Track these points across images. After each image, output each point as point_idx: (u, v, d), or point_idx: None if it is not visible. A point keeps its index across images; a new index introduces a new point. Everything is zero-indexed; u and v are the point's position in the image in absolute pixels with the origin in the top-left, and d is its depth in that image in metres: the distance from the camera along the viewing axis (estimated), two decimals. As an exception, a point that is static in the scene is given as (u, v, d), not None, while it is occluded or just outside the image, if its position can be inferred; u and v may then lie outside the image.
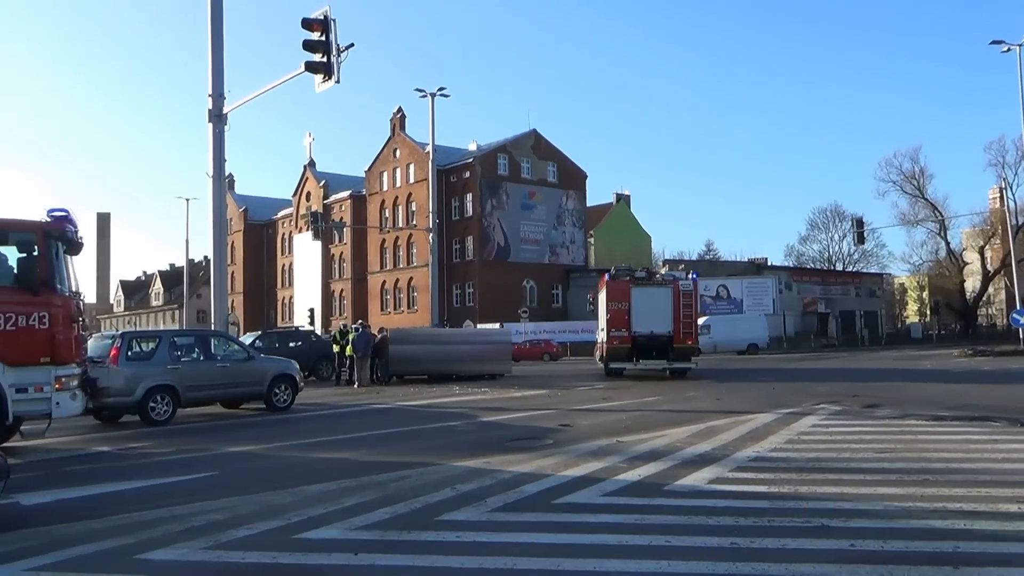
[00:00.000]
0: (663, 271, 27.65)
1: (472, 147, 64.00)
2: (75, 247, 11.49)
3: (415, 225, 60.11)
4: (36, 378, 10.67)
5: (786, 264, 78.13)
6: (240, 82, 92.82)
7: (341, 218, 68.42)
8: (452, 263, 60.19)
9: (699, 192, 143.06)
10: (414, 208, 62.30)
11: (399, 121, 64.36)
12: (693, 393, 18.78)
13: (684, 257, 73.48)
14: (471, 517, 6.68)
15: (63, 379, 10.87)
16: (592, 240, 70.64)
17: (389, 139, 65.44)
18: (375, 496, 7.54)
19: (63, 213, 11.26)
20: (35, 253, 10.74)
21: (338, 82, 18.04)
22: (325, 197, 71.79)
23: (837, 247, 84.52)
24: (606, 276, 25.81)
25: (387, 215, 65.34)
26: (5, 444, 11.09)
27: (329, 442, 11.89)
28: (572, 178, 64.31)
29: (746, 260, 70.61)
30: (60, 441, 12.54)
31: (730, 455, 9.42)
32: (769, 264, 68.63)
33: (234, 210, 77.90)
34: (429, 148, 42.50)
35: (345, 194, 70.10)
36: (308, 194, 74.44)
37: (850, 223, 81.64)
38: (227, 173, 21.46)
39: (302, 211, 72.00)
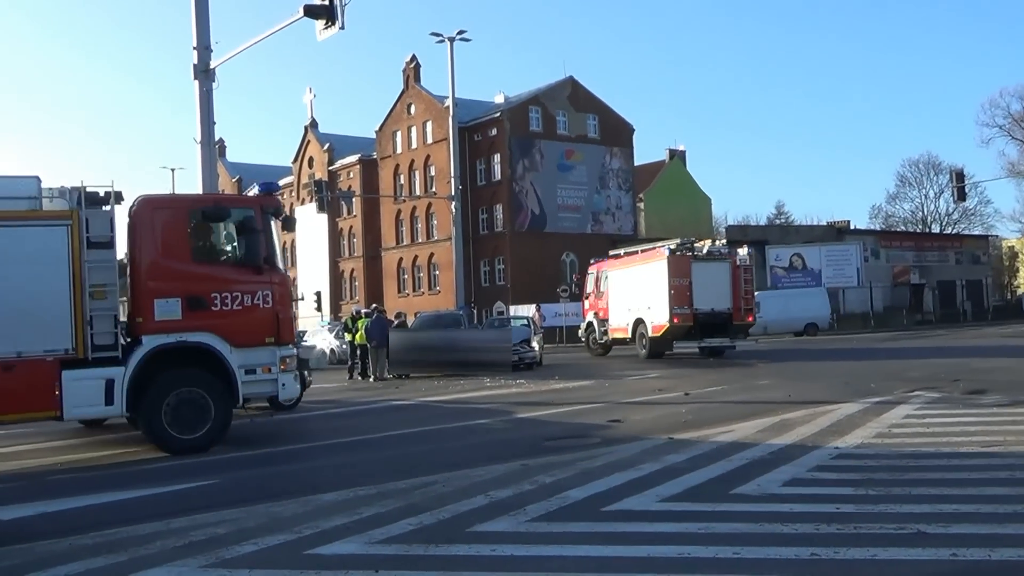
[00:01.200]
0: (711, 243, 29.10)
1: (499, 100, 63.80)
2: (289, 223, 12.96)
3: (435, 193, 60.22)
4: (263, 359, 12.01)
5: (872, 227, 77.13)
6: (230, 33, 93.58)
7: (349, 187, 68.81)
8: (479, 236, 60.29)
9: (767, 145, 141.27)
10: (433, 173, 62.41)
11: (413, 72, 64.35)
12: (764, 381, 18.70)
13: (750, 221, 72.94)
14: (508, 528, 6.74)
15: (287, 360, 12.21)
16: (642, 205, 70.30)
17: (402, 93, 65.51)
18: (397, 505, 7.64)
19: (274, 186, 12.76)
20: (258, 231, 12.05)
21: (342, 28, 18.08)
22: (330, 163, 72.24)
23: (933, 205, 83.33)
24: (597, 260, 31.90)
25: (402, 182, 65.59)
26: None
27: (343, 444, 12.05)
28: (617, 133, 63.88)
29: (824, 224, 69.74)
30: (40, 447, 12.86)
31: (808, 452, 9.38)
32: (852, 228, 67.60)
33: (226, 180, 78.63)
34: (449, 102, 42.51)
35: (353, 158, 70.45)
36: (310, 160, 74.96)
37: (948, 177, 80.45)
38: (217, 138, 21.70)
39: (304, 179, 72.56)
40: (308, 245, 74.28)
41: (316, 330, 39.61)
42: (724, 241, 32.38)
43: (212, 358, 11.80)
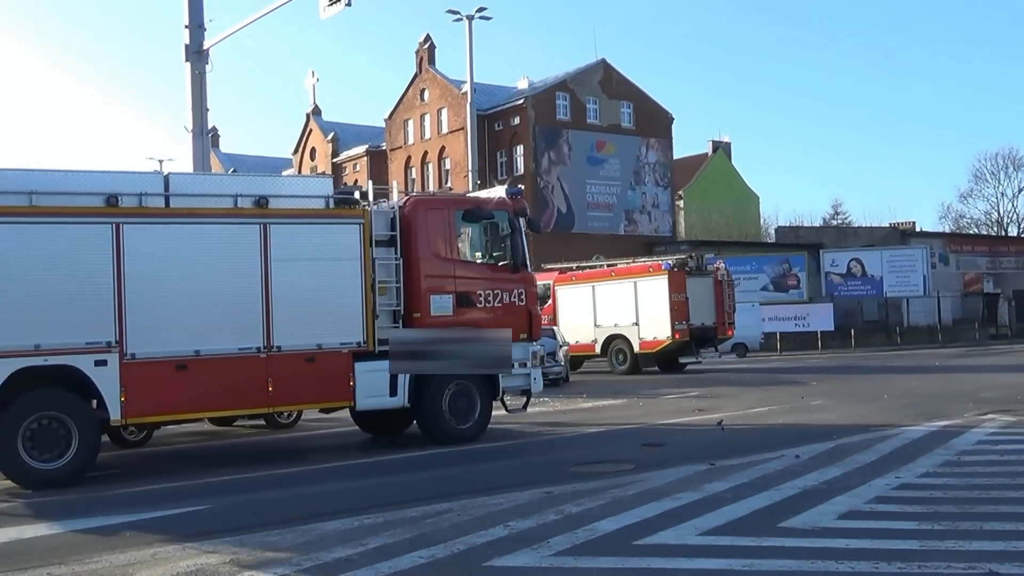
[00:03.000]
0: (691, 258, 33.02)
1: (522, 85, 63.85)
2: (535, 226, 15.08)
3: (450, 188, 60.40)
4: (518, 354, 14.13)
5: (940, 230, 76.51)
6: (225, 10, 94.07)
7: (356, 180, 69.10)
8: (499, 236, 60.28)
9: (823, 137, 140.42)
10: (448, 166, 62.62)
11: (427, 54, 64.59)
12: (817, 401, 18.64)
13: (803, 222, 72.48)
14: (529, 562, 6.75)
15: (536, 355, 14.55)
16: (682, 203, 70.17)
17: (415, 77, 65.76)
18: (407, 536, 7.67)
19: (520, 190, 15.17)
20: (511, 231, 14.29)
21: (349, 5, 18.24)
22: (335, 154, 72.63)
23: (1010, 205, 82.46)
24: (557, 273, 34.01)
25: (414, 175, 65.83)
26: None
27: (346, 467, 12.12)
28: (654, 122, 63.79)
29: (887, 225, 69.31)
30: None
31: (866, 482, 9.34)
32: (918, 230, 67.22)
33: (219, 172, 79.32)
34: (466, 87, 42.61)
35: (360, 149, 70.80)
36: (313, 151, 75.38)
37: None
38: (210, 126, 21.87)
39: (305, 173, 72.92)
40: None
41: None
42: (706, 255, 35.80)
43: None
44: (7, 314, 11.10)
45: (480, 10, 39.74)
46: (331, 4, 18.34)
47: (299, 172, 75.74)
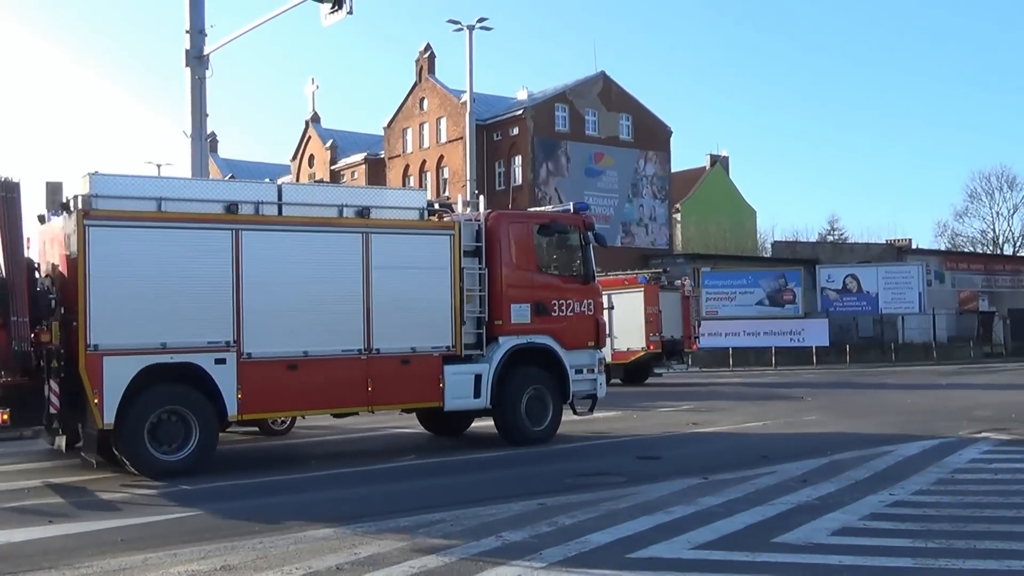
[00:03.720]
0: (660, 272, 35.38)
1: (522, 96, 63.98)
2: (601, 240, 15.97)
3: (448, 197, 60.42)
4: (585, 360, 15.33)
5: (936, 247, 76.71)
6: (226, 15, 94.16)
7: (354, 189, 69.07)
8: (496, 246, 60.28)
9: (820, 153, 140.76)
10: (447, 175, 62.67)
11: (427, 63, 64.72)
12: (811, 416, 18.65)
13: (800, 237, 72.59)
14: (521, 574, 6.74)
15: (601, 362, 15.72)
16: (679, 216, 70.25)
17: (414, 86, 65.86)
18: (398, 545, 7.65)
19: (586, 205, 16.48)
20: (581, 245, 15.39)
21: (350, 13, 18.25)
22: (333, 161, 72.67)
23: (1006, 224, 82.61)
24: None
25: (412, 184, 65.83)
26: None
27: (339, 475, 12.08)
28: (652, 135, 63.93)
29: (883, 242, 69.44)
30: (7, 470, 12.94)
31: (860, 499, 9.34)
32: (914, 247, 67.34)
33: (217, 178, 79.32)
34: (466, 97, 42.66)
35: (358, 157, 70.84)
36: (311, 158, 75.41)
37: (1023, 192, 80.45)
38: (209, 131, 21.85)
39: (304, 179, 72.93)
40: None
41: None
42: (665, 270, 37.53)
43: (550, 358, 14.90)
44: (138, 314, 11.74)
45: (481, 20, 39.81)
46: (332, 12, 18.34)
47: (296, 179, 75.81)
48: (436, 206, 14.95)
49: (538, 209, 17.71)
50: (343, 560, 7.17)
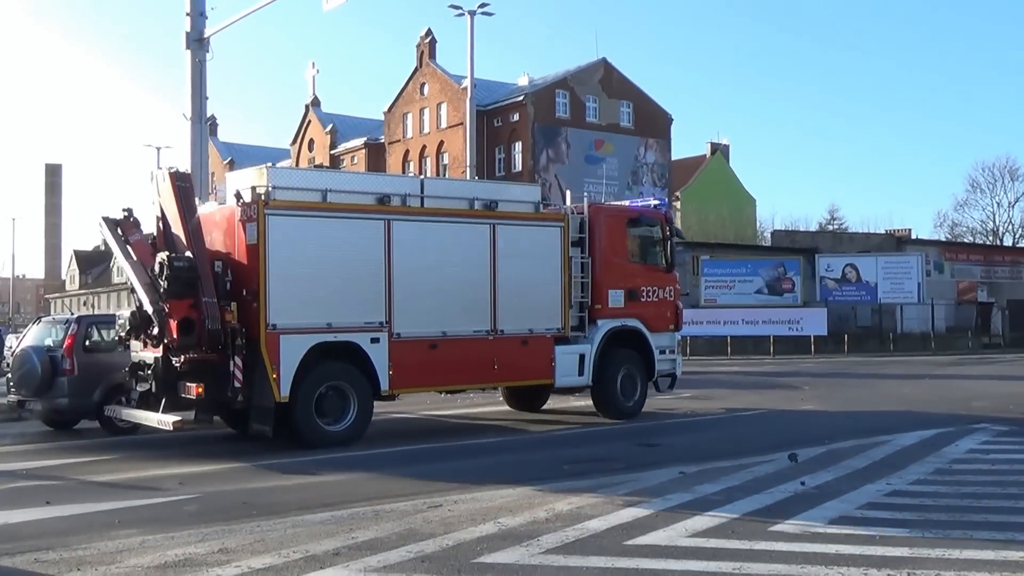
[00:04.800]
0: None
1: (522, 82, 63.84)
2: (679, 233, 17.90)
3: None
4: (666, 342, 17.04)
5: (936, 237, 76.70)
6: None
7: (353, 173, 69.03)
8: (495, 232, 60.23)
9: (821, 142, 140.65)
10: (446, 160, 62.56)
11: (428, 48, 64.51)
12: (809, 405, 18.66)
13: (799, 227, 72.53)
14: (518, 559, 6.75)
15: (678, 343, 17.65)
16: (679, 204, 70.17)
17: (415, 71, 65.68)
18: (395, 529, 7.67)
19: (667, 202, 18.71)
20: (664, 237, 16.97)
21: (351, -3, 18.14)
22: (332, 146, 72.54)
23: (1006, 215, 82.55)
24: None
25: (412, 169, 65.73)
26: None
27: (337, 459, 12.08)
28: (653, 122, 63.83)
29: (883, 232, 69.38)
30: (4, 451, 12.96)
31: (857, 488, 9.35)
32: (913, 237, 67.30)
33: (216, 162, 79.08)
34: (467, 83, 42.52)
35: (358, 142, 70.70)
36: (311, 142, 75.28)
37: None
38: (209, 115, 21.80)
39: (303, 164, 72.81)
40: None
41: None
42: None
43: (639, 340, 16.47)
44: (308, 295, 12.86)
45: (482, 5, 39.62)
46: (333, -5, 18.28)
47: (296, 163, 75.71)
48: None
49: (623, 203, 18.90)
50: (340, 544, 7.18)
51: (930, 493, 9.06)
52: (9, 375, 15.30)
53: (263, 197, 12.63)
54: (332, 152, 71.86)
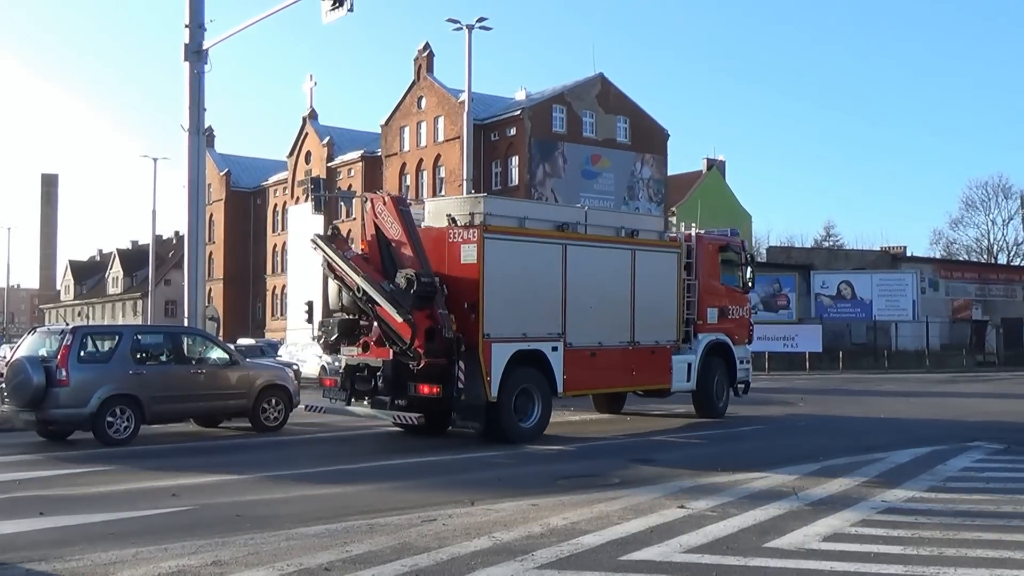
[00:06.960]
0: None
1: (519, 96, 63.95)
2: (754, 259, 21.00)
3: (445, 196, 60.36)
4: (743, 353, 19.90)
5: (931, 255, 76.87)
6: (225, 10, 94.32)
7: (350, 186, 69.06)
8: (492, 246, 60.14)
9: (817, 159, 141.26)
10: (443, 174, 62.58)
11: (425, 61, 64.63)
12: (804, 422, 18.69)
13: (795, 243, 72.79)
14: (513, 574, 6.74)
15: (750, 355, 20.41)
16: (675, 219, 70.23)
17: (412, 85, 65.76)
18: (390, 543, 7.65)
19: (737, 232, 21.63)
20: (743, 263, 20.07)
21: (351, 10, 18.23)
22: (329, 159, 72.54)
23: (1000, 233, 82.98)
24: None
25: (408, 182, 65.76)
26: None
27: (331, 473, 12.06)
28: (649, 138, 63.93)
29: (878, 249, 69.58)
30: (-4, 462, 12.92)
31: (852, 504, 9.36)
32: (909, 255, 67.44)
33: (213, 173, 79.09)
34: (464, 97, 42.59)
35: (355, 155, 70.73)
36: (308, 154, 75.28)
37: (1018, 202, 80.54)
38: (206, 126, 21.82)
39: (300, 176, 72.87)
40: (301, 249, 74.27)
41: (306, 343, 39.56)
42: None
43: (726, 351, 19.21)
44: (510, 309, 14.99)
45: (480, 20, 39.73)
46: (333, 8, 18.32)
47: (293, 175, 75.78)
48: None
49: (705, 232, 20.67)
50: (335, 558, 7.16)
51: (924, 511, 9.06)
52: (3, 385, 15.24)
53: (483, 222, 14.83)
54: (329, 164, 71.85)
